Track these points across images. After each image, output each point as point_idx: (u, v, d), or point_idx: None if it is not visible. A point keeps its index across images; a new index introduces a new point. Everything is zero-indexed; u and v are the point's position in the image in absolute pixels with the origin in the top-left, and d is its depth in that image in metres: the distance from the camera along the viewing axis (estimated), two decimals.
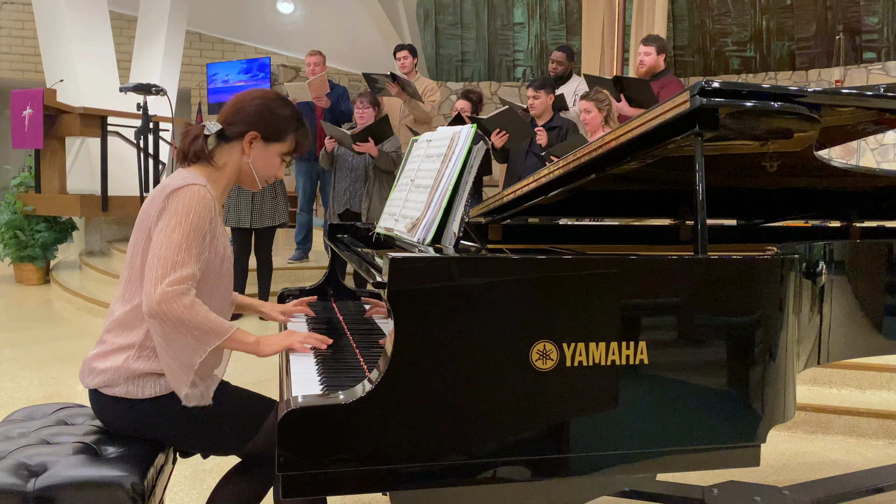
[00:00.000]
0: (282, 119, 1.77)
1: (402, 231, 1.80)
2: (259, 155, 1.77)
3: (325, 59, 6.22)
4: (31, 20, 8.81)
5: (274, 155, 1.78)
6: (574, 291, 1.38)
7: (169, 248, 1.56)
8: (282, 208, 5.26)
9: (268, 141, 1.76)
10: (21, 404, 3.35)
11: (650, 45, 5.11)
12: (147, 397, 1.63)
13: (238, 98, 1.79)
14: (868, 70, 9.46)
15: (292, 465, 1.28)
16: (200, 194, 1.63)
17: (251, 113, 1.75)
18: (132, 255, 1.68)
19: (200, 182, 1.65)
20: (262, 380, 3.93)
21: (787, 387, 1.57)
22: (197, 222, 1.60)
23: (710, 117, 1.52)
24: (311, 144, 1.79)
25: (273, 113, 1.76)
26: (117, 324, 1.67)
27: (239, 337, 1.63)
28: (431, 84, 6.09)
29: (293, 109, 1.81)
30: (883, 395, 3.49)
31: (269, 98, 1.79)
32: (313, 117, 6.27)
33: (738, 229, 2.70)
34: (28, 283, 7.05)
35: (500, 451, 1.36)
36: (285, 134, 1.78)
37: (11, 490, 1.46)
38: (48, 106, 6.39)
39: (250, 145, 1.75)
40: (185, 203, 1.60)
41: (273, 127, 1.76)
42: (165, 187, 1.65)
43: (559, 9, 11.51)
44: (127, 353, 1.63)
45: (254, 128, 1.74)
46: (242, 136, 1.74)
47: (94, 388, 1.67)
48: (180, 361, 1.59)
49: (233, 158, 1.76)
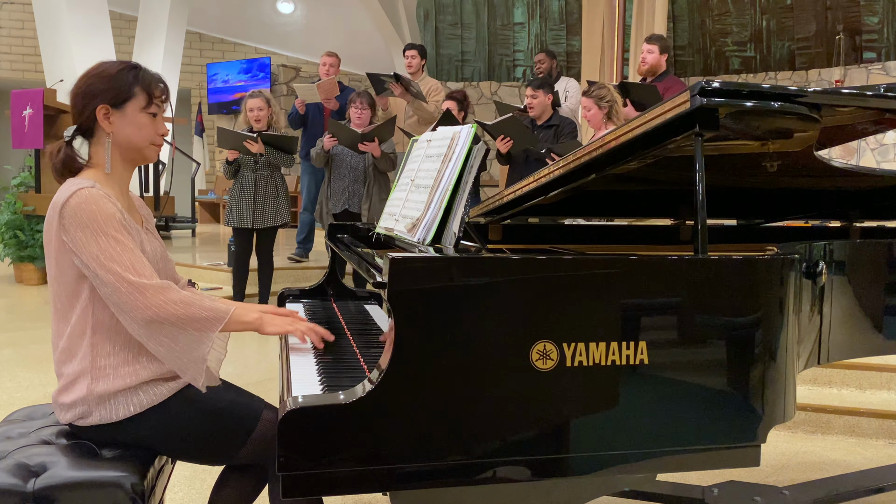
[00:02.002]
0: (115, 77, 1.63)
1: (402, 231, 1.80)
2: (122, 124, 1.64)
3: (340, 61, 6.22)
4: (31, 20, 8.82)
5: (136, 114, 1.65)
6: (574, 291, 1.38)
7: (109, 260, 1.50)
8: (283, 208, 5.26)
9: (118, 106, 1.63)
10: (21, 404, 3.35)
11: (653, 44, 5.11)
12: (124, 418, 1.57)
13: (72, 90, 1.67)
14: (868, 70, 9.47)
15: (292, 465, 1.28)
16: (91, 193, 1.53)
17: (87, 92, 1.63)
18: (52, 283, 1.60)
19: (86, 184, 1.56)
20: (262, 380, 3.93)
21: (788, 387, 1.57)
22: (107, 218, 1.52)
23: (711, 117, 1.52)
24: (163, 83, 1.70)
25: (103, 77, 1.63)
26: (63, 353, 1.60)
27: (240, 317, 1.59)
28: (437, 84, 6.06)
29: (122, 63, 1.68)
30: (883, 395, 3.49)
31: (93, 70, 1.66)
32: (321, 118, 6.26)
33: (738, 229, 2.70)
34: (28, 283, 7.05)
35: (500, 450, 1.36)
36: (129, 89, 1.64)
37: (11, 490, 1.46)
38: (48, 106, 6.40)
39: (108, 121, 1.63)
40: (83, 210, 1.51)
41: (113, 89, 1.63)
42: (55, 205, 1.56)
43: (559, 9, 11.51)
44: (85, 381, 1.56)
45: (97, 102, 1.62)
46: (97, 119, 1.63)
47: (70, 422, 1.62)
48: (190, 358, 1.55)
49: (106, 146, 1.65)
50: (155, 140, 1.70)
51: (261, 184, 5.15)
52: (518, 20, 11.74)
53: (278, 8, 11.18)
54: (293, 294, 2.41)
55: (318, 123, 6.24)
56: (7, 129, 7.01)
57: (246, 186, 5.15)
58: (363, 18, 10.42)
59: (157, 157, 1.73)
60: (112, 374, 1.57)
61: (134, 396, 1.57)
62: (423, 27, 11.65)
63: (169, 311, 1.51)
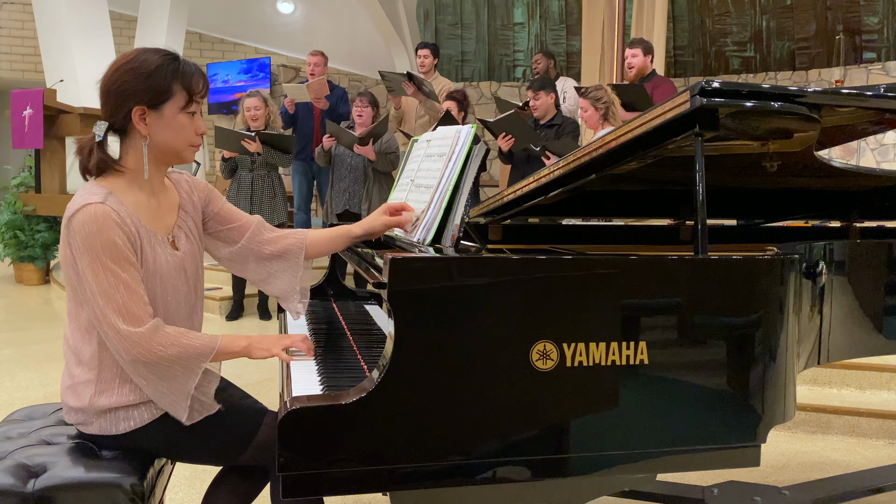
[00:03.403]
0: (152, 76, 1.49)
1: (401, 231, 1.80)
2: (160, 126, 1.52)
3: (327, 59, 6.22)
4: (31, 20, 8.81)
5: (174, 116, 1.52)
6: (574, 291, 1.38)
7: (103, 296, 1.43)
8: (281, 207, 5.27)
9: (156, 106, 1.51)
10: (21, 404, 3.35)
11: (636, 48, 5.17)
12: (124, 432, 1.56)
13: (102, 82, 1.52)
14: (868, 70, 9.46)
15: (293, 465, 1.28)
16: (97, 215, 1.44)
17: (121, 89, 1.49)
18: (65, 277, 1.55)
19: (97, 198, 1.46)
20: (262, 380, 3.93)
21: (788, 387, 1.57)
22: (107, 246, 1.44)
23: (711, 117, 1.52)
24: (203, 76, 1.56)
25: (139, 75, 1.49)
26: (73, 353, 1.57)
27: (227, 347, 1.55)
28: (449, 84, 6.04)
29: (160, 54, 1.53)
30: (883, 395, 3.49)
31: (127, 62, 1.51)
32: (311, 118, 6.27)
33: (739, 229, 2.70)
34: (28, 283, 7.05)
35: (500, 450, 1.36)
36: (168, 87, 1.50)
37: (11, 490, 1.46)
38: (48, 106, 6.39)
39: (144, 122, 1.51)
40: (83, 234, 1.44)
41: (151, 88, 1.49)
42: (66, 212, 1.48)
43: (559, 9, 11.50)
44: (90, 390, 1.54)
45: (133, 102, 1.49)
46: (131, 119, 1.50)
47: (73, 424, 1.62)
48: (176, 392, 1.51)
49: (140, 149, 1.53)
50: (193, 141, 1.58)
51: (258, 183, 5.15)
52: (518, 20, 11.73)
53: (278, 8, 11.17)
54: None
55: (308, 123, 6.25)
56: (7, 129, 7.00)
57: (243, 186, 5.16)
58: (363, 18, 10.41)
59: (194, 158, 1.61)
60: (117, 390, 1.54)
61: (135, 411, 1.55)
62: (423, 27, 11.64)
63: (156, 355, 1.46)
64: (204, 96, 1.57)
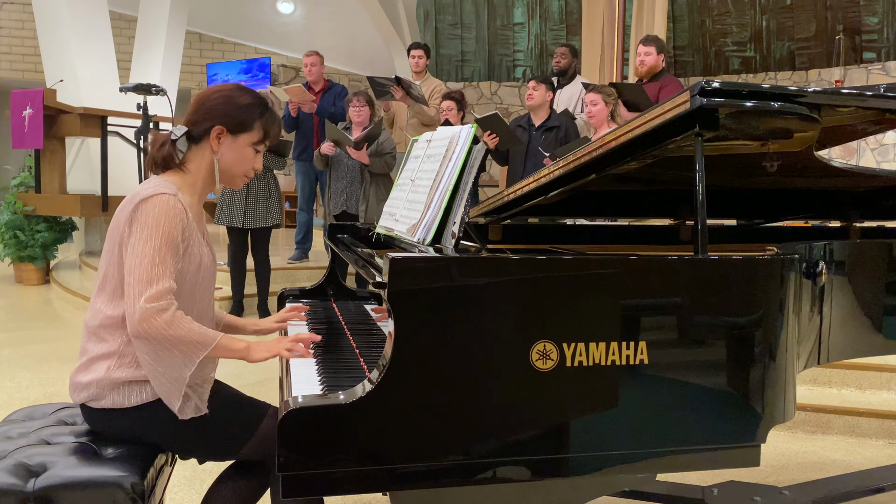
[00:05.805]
0: (244, 108, 1.72)
1: (402, 231, 1.80)
2: (229, 149, 1.72)
3: (323, 59, 6.21)
4: (31, 20, 8.81)
5: (244, 147, 1.73)
6: (574, 291, 1.38)
7: (142, 263, 1.54)
8: (275, 209, 5.26)
9: (235, 133, 1.71)
10: (21, 404, 3.35)
11: (650, 45, 5.12)
12: (134, 405, 1.61)
13: (199, 96, 1.75)
14: (868, 70, 9.46)
15: (292, 465, 1.28)
16: (169, 204, 1.60)
17: (213, 108, 1.71)
18: (107, 265, 1.64)
19: (170, 191, 1.62)
20: (261, 380, 3.93)
21: (788, 387, 1.57)
22: (168, 233, 1.58)
23: (711, 117, 1.52)
24: (280, 130, 1.76)
25: (234, 103, 1.71)
26: (95, 332, 1.64)
27: (227, 344, 1.60)
28: (440, 85, 6.03)
29: (255, 97, 1.76)
30: (883, 395, 3.49)
31: (228, 90, 1.74)
32: (311, 120, 6.26)
33: (738, 229, 2.70)
34: (28, 283, 7.05)
35: (500, 450, 1.36)
36: (251, 123, 1.73)
37: (11, 490, 1.46)
38: (48, 106, 6.39)
39: (218, 141, 1.71)
40: (154, 214, 1.58)
41: (237, 117, 1.71)
42: (134, 196, 1.62)
43: (559, 9, 11.51)
44: (108, 363, 1.61)
45: (218, 122, 1.70)
46: (209, 134, 1.70)
47: (82, 402, 1.65)
48: (170, 377, 1.56)
49: (205, 159, 1.72)
50: (249, 173, 1.78)
51: (253, 184, 5.14)
52: (518, 20, 11.74)
53: (278, 8, 11.18)
54: (293, 294, 2.41)
55: (309, 125, 6.25)
56: (7, 129, 7.00)
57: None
58: (363, 18, 10.41)
59: (241, 187, 1.80)
60: (134, 364, 1.61)
61: (147, 386, 1.61)
62: (423, 27, 11.65)
63: (160, 332, 1.52)
64: (273, 143, 1.82)
